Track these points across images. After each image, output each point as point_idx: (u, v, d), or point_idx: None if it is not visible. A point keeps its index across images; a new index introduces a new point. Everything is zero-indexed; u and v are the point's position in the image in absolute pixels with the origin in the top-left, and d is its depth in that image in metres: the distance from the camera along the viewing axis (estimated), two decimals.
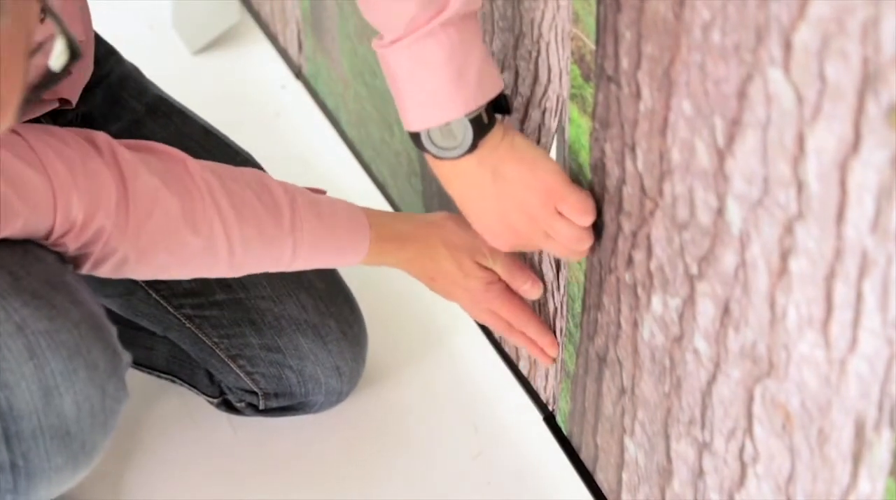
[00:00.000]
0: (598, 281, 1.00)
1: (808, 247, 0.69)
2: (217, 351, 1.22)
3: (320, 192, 1.10)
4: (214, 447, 1.28)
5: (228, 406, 1.28)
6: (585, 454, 1.16)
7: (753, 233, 0.74)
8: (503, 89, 0.94)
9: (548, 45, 0.96)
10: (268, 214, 1.01)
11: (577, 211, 0.94)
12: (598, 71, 0.87)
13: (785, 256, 0.72)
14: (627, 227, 0.91)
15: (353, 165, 1.57)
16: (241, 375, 1.22)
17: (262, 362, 1.22)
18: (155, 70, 1.38)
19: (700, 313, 0.85)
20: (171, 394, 1.32)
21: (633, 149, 0.86)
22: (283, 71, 1.76)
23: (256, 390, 1.23)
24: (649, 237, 0.88)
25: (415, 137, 0.94)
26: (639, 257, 0.91)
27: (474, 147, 0.93)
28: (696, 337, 0.87)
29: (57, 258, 0.95)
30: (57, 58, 0.68)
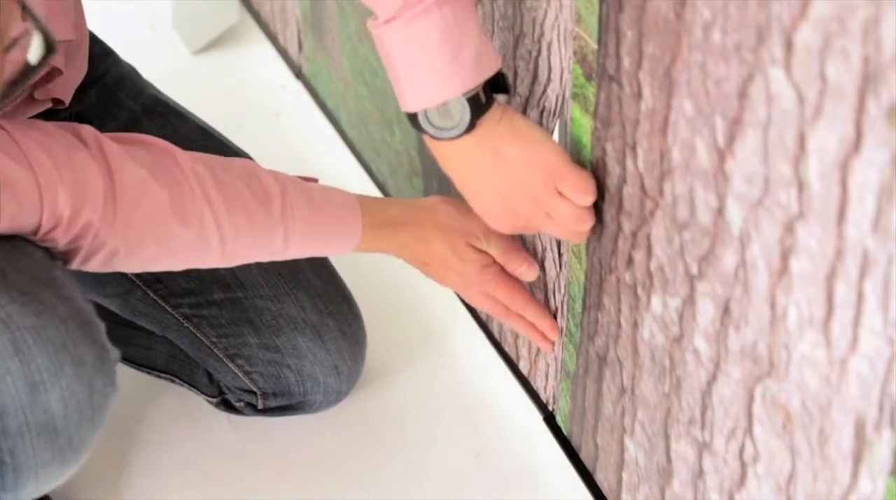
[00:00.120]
0: (599, 281, 1.00)
1: (808, 246, 0.69)
2: (215, 351, 1.22)
3: (312, 180, 1.09)
4: (214, 447, 1.28)
5: (228, 406, 1.28)
6: (585, 453, 1.16)
7: (754, 233, 0.74)
8: (501, 68, 0.93)
9: (549, 44, 0.96)
10: (258, 202, 1.01)
11: (578, 190, 0.93)
12: (600, 70, 0.87)
13: (786, 255, 0.72)
14: (628, 227, 0.91)
15: (354, 164, 1.57)
16: (240, 374, 1.22)
17: (260, 361, 1.21)
18: (155, 70, 1.38)
19: (700, 312, 0.85)
20: (170, 394, 1.32)
21: (633, 148, 0.86)
22: (283, 71, 1.76)
23: (255, 389, 1.23)
24: (649, 237, 0.88)
25: (412, 118, 0.93)
26: (639, 256, 0.91)
27: (472, 127, 0.92)
28: (695, 337, 0.86)
29: (46, 254, 0.94)
30: (34, 52, 0.71)
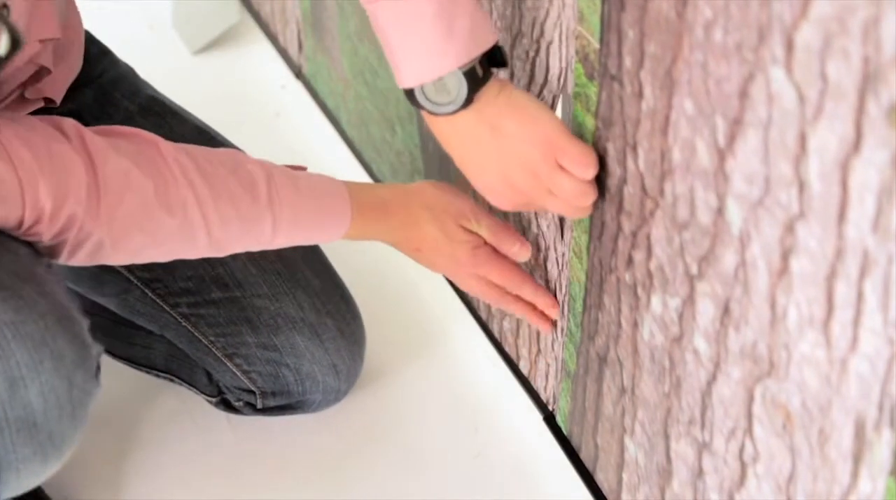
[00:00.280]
0: (599, 281, 1.00)
1: (809, 246, 0.69)
2: (213, 350, 1.22)
3: (301, 169, 1.08)
4: (213, 446, 1.28)
5: (227, 405, 1.28)
6: (585, 453, 1.16)
7: (754, 233, 0.74)
8: (497, 41, 0.92)
9: (549, 44, 0.96)
10: (243, 190, 1.00)
11: (579, 163, 0.92)
12: (602, 70, 0.87)
13: (786, 255, 0.72)
14: (628, 226, 0.91)
15: (354, 164, 1.57)
16: (238, 374, 1.22)
17: (258, 360, 1.21)
18: (155, 70, 1.38)
19: (700, 312, 0.85)
20: (169, 393, 1.32)
21: (634, 148, 0.86)
22: (283, 71, 1.76)
23: (254, 388, 1.23)
24: (649, 237, 0.89)
25: (409, 94, 0.93)
26: (639, 256, 0.91)
27: (470, 101, 0.91)
28: (695, 337, 0.87)
29: (30, 251, 0.94)
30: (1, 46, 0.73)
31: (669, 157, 0.82)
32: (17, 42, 0.73)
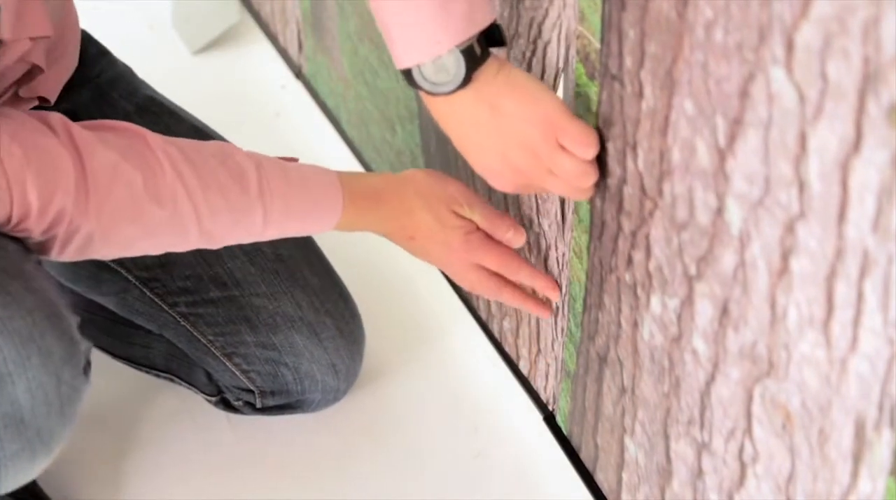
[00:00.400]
0: (599, 281, 1.00)
1: (809, 246, 0.69)
2: (212, 349, 1.22)
3: (292, 160, 1.08)
4: (213, 446, 1.28)
5: (227, 405, 1.28)
6: (585, 453, 1.16)
7: (753, 233, 0.74)
8: (495, 20, 0.91)
9: (546, 44, 0.96)
10: (233, 180, 1.00)
11: (580, 142, 0.91)
12: (603, 70, 0.87)
13: (786, 255, 0.72)
14: (627, 226, 0.91)
15: (354, 165, 1.57)
16: (237, 373, 1.22)
17: (257, 359, 1.21)
18: (155, 70, 1.38)
19: (698, 313, 0.85)
20: (169, 393, 1.32)
21: (634, 148, 0.86)
22: (283, 71, 1.76)
23: (253, 388, 1.23)
24: (648, 237, 0.89)
25: (407, 75, 0.92)
26: (638, 257, 0.91)
27: (468, 80, 0.90)
28: (694, 337, 0.87)
29: (19, 247, 0.93)
30: None
31: (669, 157, 0.82)
32: None
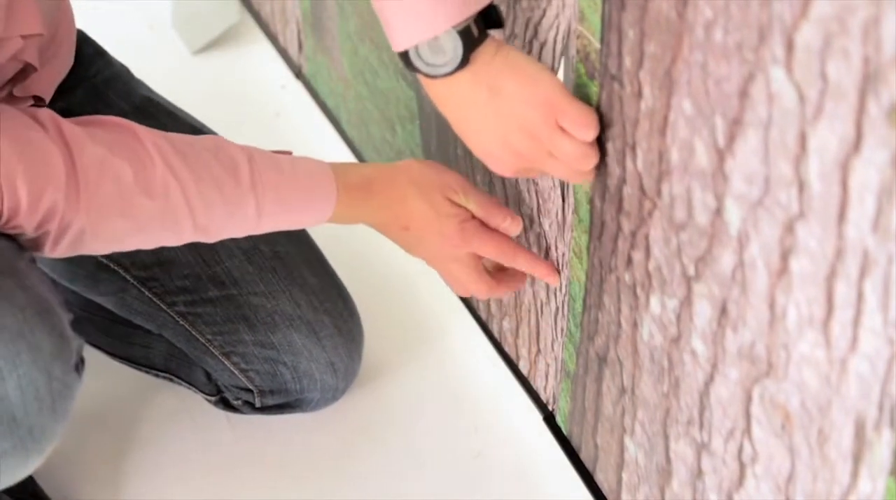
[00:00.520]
0: (599, 281, 1.00)
1: (809, 246, 0.69)
2: (211, 348, 1.22)
3: (286, 153, 1.07)
4: (213, 446, 1.28)
5: (226, 404, 1.28)
6: (585, 453, 1.16)
7: (753, 233, 0.74)
8: (492, 1, 0.90)
9: (542, 46, 0.96)
10: (225, 172, 0.99)
11: (579, 124, 0.90)
12: (602, 70, 0.87)
13: (785, 255, 0.72)
14: (627, 227, 0.91)
15: None
16: (236, 372, 1.22)
17: (256, 359, 1.21)
18: (154, 70, 1.38)
19: (697, 313, 0.85)
20: (169, 393, 1.32)
21: (633, 148, 0.86)
22: (283, 71, 1.76)
23: (251, 387, 1.23)
24: (647, 238, 0.89)
25: (404, 58, 0.91)
26: (637, 257, 0.91)
27: (466, 61, 0.90)
28: (693, 338, 0.87)
29: (11, 245, 0.93)
30: None
31: (667, 157, 0.82)
32: None
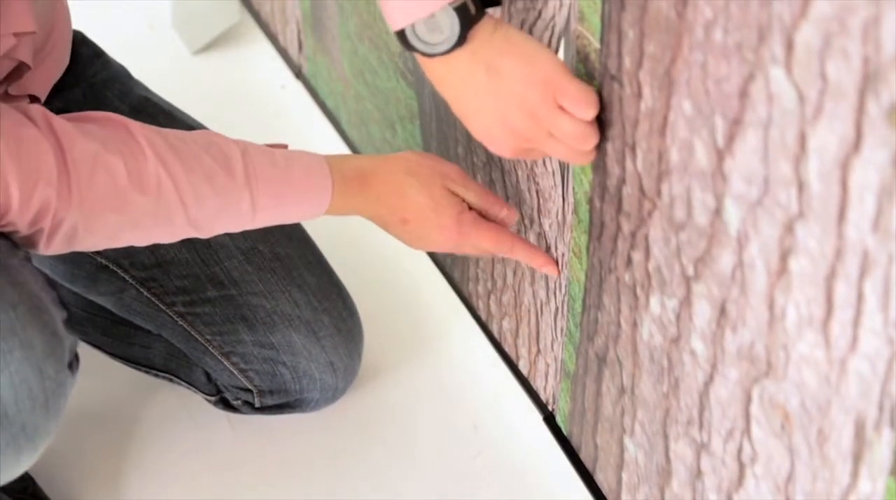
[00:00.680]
0: (599, 281, 1.00)
1: (808, 246, 0.69)
2: (210, 349, 1.22)
3: (282, 147, 1.06)
4: (213, 445, 1.28)
5: (226, 404, 1.28)
6: (585, 453, 1.16)
7: (752, 233, 0.74)
8: None
9: None
10: (218, 166, 0.98)
11: (579, 102, 0.89)
12: (602, 70, 0.87)
13: (785, 255, 0.72)
14: (626, 227, 0.91)
15: None
16: (235, 372, 1.22)
17: (255, 358, 1.21)
18: (154, 70, 1.38)
19: (696, 314, 0.85)
20: (169, 393, 1.32)
21: (633, 149, 0.86)
22: (283, 71, 1.76)
23: (251, 387, 1.23)
24: (647, 238, 0.89)
25: (402, 38, 0.90)
26: (637, 257, 0.91)
27: (463, 39, 0.89)
28: (692, 338, 0.87)
29: (4, 243, 0.92)
30: None
31: (667, 157, 0.82)
32: None
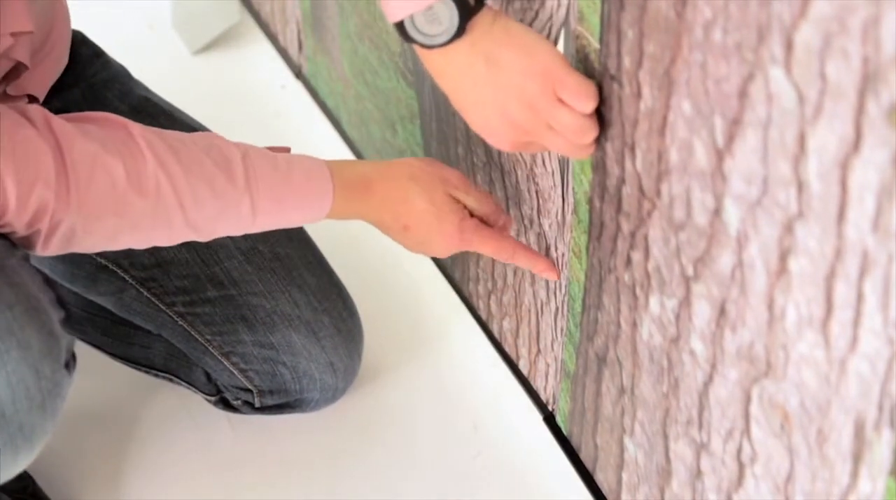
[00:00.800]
0: (598, 281, 1.00)
1: (808, 246, 0.69)
2: (210, 349, 1.22)
3: (284, 150, 1.06)
4: (213, 446, 1.28)
5: (226, 404, 1.28)
6: (585, 453, 1.16)
7: (752, 233, 0.74)
8: None
9: None
10: (218, 169, 0.98)
11: (578, 95, 0.88)
12: (602, 70, 0.87)
13: (784, 256, 0.72)
14: (626, 227, 0.91)
15: None
16: (235, 372, 1.22)
17: (255, 359, 1.21)
18: (154, 70, 1.38)
19: (696, 314, 0.85)
20: (169, 393, 1.32)
21: (632, 149, 0.86)
22: (283, 71, 1.76)
23: (251, 387, 1.23)
24: (647, 238, 0.89)
25: (401, 30, 0.90)
26: (637, 257, 0.91)
27: (462, 31, 0.88)
28: (692, 338, 0.87)
29: (3, 244, 0.92)
30: None
31: (666, 158, 0.82)
32: None
